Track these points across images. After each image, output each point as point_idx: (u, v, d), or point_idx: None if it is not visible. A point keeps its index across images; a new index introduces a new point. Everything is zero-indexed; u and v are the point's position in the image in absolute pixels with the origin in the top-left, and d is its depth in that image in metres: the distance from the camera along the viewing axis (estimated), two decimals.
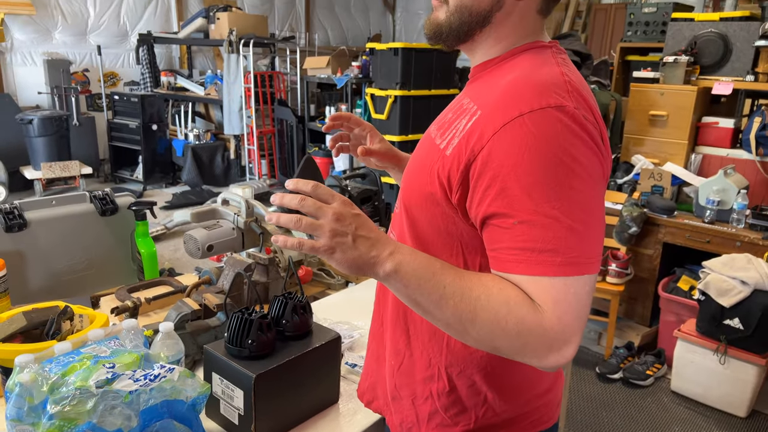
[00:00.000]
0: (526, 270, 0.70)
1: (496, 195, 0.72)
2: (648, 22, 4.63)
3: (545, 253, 0.69)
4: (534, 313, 0.69)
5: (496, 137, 0.72)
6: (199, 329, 1.27)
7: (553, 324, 0.69)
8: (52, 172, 5.31)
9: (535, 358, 0.70)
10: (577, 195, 0.70)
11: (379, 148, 1.13)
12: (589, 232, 0.71)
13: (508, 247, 0.72)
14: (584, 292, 0.70)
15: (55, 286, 1.56)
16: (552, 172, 0.69)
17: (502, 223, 0.72)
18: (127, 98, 6.15)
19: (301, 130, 5.99)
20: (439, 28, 0.84)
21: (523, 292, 0.71)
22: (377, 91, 4.81)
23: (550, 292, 0.69)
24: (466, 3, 0.81)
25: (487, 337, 0.71)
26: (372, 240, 0.73)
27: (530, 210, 0.69)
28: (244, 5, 7.83)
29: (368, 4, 9.76)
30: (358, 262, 0.73)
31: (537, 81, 0.75)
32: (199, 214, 1.74)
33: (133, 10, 6.83)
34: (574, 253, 0.69)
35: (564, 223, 0.69)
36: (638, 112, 3.48)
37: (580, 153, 0.71)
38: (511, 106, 0.73)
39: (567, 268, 0.69)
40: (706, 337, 2.60)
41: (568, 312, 0.69)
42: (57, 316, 1.10)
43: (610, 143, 0.76)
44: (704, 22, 3.36)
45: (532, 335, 0.69)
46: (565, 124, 0.71)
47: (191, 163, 6.08)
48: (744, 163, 3.16)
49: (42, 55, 6.13)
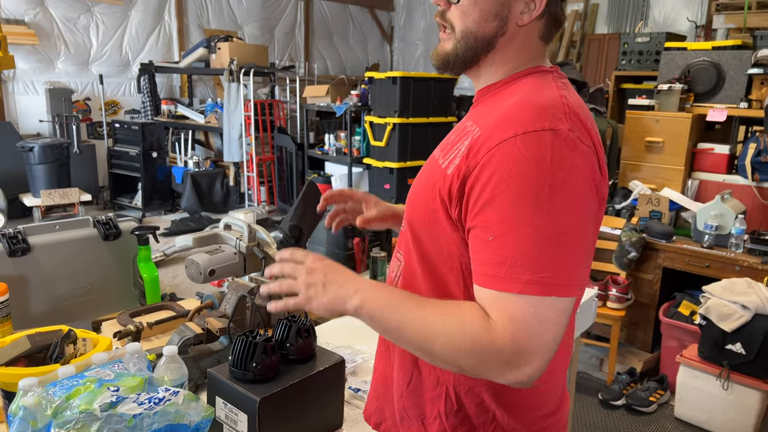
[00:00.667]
0: (494, 285, 0.72)
1: (480, 209, 0.74)
2: (641, 52, 4.72)
3: (514, 269, 0.70)
4: (487, 331, 0.71)
5: (489, 155, 0.74)
6: (202, 353, 1.26)
7: (505, 341, 0.70)
8: (51, 199, 5.32)
9: (493, 374, 0.73)
10: (557, 216, 0.71)
11: (376, 213, 1.17)
12: (565, 254, 0.71)
13: (482, 261, 0.74)
14: (550, 314, 0.71)
15: (56, 311, 1.55)
16: (534, 192, 0.71)
17: (480, 234, 0.74)
18: (127, 126, 6.21)
19: (301, 157, 6.03)
20: (447, 56, 0.87)
21: (481, 312, 0.73)
22: (376, 119, 4.87)
23: (508, 309, 0.71)
24: (471, 29, 0.84)
25: (449, 357, 0.75)
26: (339, 283, 0.83)
27: (507, 225, 0.71)
28: (244, 35, 7.96)
29: (366, 34, 9.94)
30: (329, 304, 0.83)
31: (536, 103, 0.77)
32: (201, 238, 1.74)
33: (135, 40, 6.94)
34: (544, 273, 0.70)
35: (537, 242, 0.70)
36: (634, 139, 3.52)
37: (568, 177, 0.72)
38: (508, 127, 0.75)
39: (533, 287, 0.70)
40: (708, 362, 2.59)
41: (521, 330, 0.70)
42: (60, 340, 1.10)
43: (608, 169, 0.79)
44: (697, 51, 3.43)
45: (486, 352, 0.71)
46: (556, 147, 0.72)
47: (190, 190, 6.10)
48: (740, 188, 3.19)
49: (44, 84, 6.20)
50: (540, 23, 0.84)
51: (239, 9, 7.95)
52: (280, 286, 0.87)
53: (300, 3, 8.75)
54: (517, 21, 0.83)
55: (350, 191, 1.20)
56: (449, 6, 0.85)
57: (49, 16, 6.18)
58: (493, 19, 0.82)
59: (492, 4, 0.82)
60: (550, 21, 0.85)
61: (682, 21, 6.99)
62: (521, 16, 0.82)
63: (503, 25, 0.83)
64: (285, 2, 8.53)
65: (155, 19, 7.09)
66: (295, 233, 1.73)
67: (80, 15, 6.41)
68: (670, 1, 7.19)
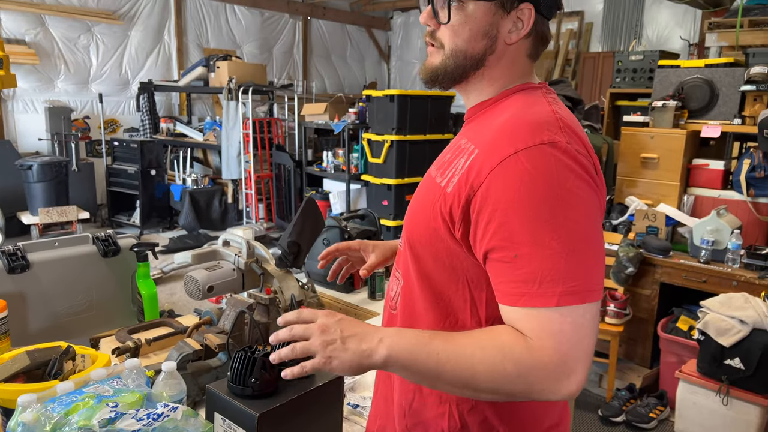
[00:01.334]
0: (528, 302, 0.72)
1: (495, 229, 0.74)
2: (636, 69, 4.78)
3: (545, 285, 0.71)
4: (529, 351, 0.71)
5: (493, 174, 0.75)
6: (201, 370, 1.26)
7: (551, 356, 0.70)
8: (49, 217, 5.32)
9: (545, 393, 0.71)
10: (574, 226, 0.72)
11: (376, 258, 1.18)
12: (587, 261, 0.73)
13: (509, 281, 0.74)
14: (585, 320, 0.72)
15: (54, 327, 1.55)
16: (548, 205, 0.72)
17: (502, 257, 0.74)
18: (126, 144, 6.24)
19: (299, 174, 6.06)
20: (435, 71, 0.89)
21: (516, 333, 0.72)
22: (374, 136, 4.91)
23: (546, 326, 0.71)
24: (461, 47, 0.86)
25: (494, 387, 0.73)
26: (360, 335, 0.78)
27: (528, 243, 0.72)
28: (243, 54, 8.05)
29: (364, 53, 10.04)
30: (355, 361, 0.77)
31: (530, 119, 0.79)
32: (199, 255, 1.75)
33: (135, 59, 7.01)
34: (574, 282, 0.71)
35: (562, 254, 0.71)
36: (630, 155, 3.55)
37: (575, 185, 0.74)
38: (506, 144, 0.76)
39: (567, 297, 0.71)
40: (707, 377, 2.58)
41: (564, 342, 0.70)
42: (59, 356, 1.10)
43: (605, 185, 0.82)
44: (690, 69, 3.47)
45: (534, 373, 0.70)
46: (558, 158, 0.74)
47: (189, 208, 6.11)
48: (736, 203, 3.21)
49: (44, 102, 6.24)
50: (528, 41, 0.87)
51: (238, 29, 8.04)
52: (293, 351, 0.80)
53: (298, 22, 8.85)
54: (506, 39, 0.85)
55: (346, 245, 1.20)
56: (439, 26, 0.87)
57: (49, 36, 6.25)
58: (482, 38, 0.85)
59: (481, 24, 0.84)
60: (537, 39, 0.87)
61: (675, 39, 7.09)
62: (509, 34, 0.85)
63: (492, 43, 0.85)
64: (283, 22, 8.63)
65: (155, 38, 7.17)
66: (294, 249, 1.74)
67: (80, 35, 6.48)
68: (663, 20, 7.30)
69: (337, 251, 1.19)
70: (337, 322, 0.80)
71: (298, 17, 8.81)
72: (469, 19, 0.84)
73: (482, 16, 0.84)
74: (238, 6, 7.96)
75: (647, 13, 7.40)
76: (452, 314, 0.86)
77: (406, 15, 9.91)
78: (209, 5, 7.66)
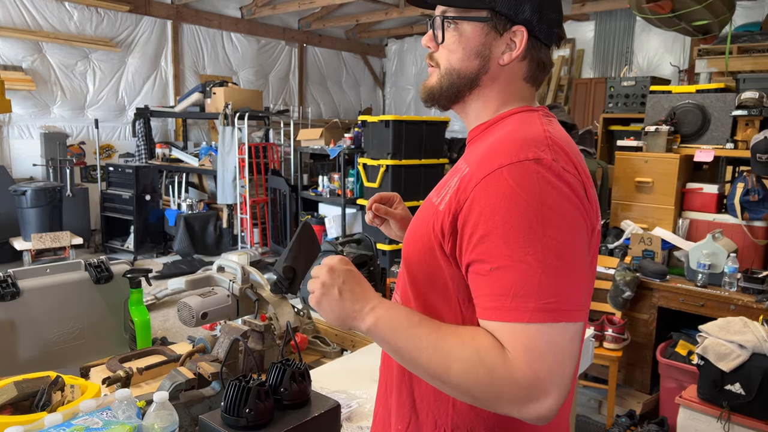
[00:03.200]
0: (502, 316, 0.71)
1: (477, 242, 0.75)
2: (628, 95, 4.84)
3: (518, 299, 0.70)
4: (504, 362, 0.69)
5: (477, 188, 0.76)
6: (193, 400, 1.23)
7: (524, 372, 0.68)
8: (42, 243, 5.28)
9: (512, 407, 0.70)
10: (553, 243, 0.72)
11: (398, 212, 1.18)
12: (565, 279, 0.72)
13: (485, 294, 0.74)
14: (562, 340, 0.70)
15: (44, 356, 1.52)
16: (527, 220, 0.72)
17: (480, 269, 0.74)
18: (121, 170, 6.23)
19: (294, 199, 6.06)
20: (432, 90, 0.92)
21: (496, 341, 0.71)
22: (369, 161, 4.93)
23: (521, 339, 0.70)
24: (455, 66, 0.88)
25: (463, 386, 0.72)
26: (357, 294, 0.80)
27: (505, 256, 0.71)
28: (239, 81, 8.12)
29: (359, 79, 10.16)
30: (342, 314, 0.80)
31: (519, 137, 0.80)
32: (194, 281, 1.73)
33: (131, 85, 7.05)
34: (549, 299, 0.70)
35: (538, 270, 0.70)
36: (625, 179, 3.57)
37: (556, 203, 0.73)
38: (493, 160, 0.77)
39: (541, 314, 0.70)
40: (708, 403, 2.54)
41: (538, 360, 0.69)
42: (48, 387, 1.07)
43: (599, 209, 0.82)
44: (682, 94, 3.52)
45: (504, 384, 0.69)
46: (542, 175, 0.74)
47: (183, 233, 6.08)
48: (731, 227, 3.22)
49: (39, 128, 6.25)
50: (523, 65, 0.88)
51: (234, 55, 8.13)
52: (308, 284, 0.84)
53: (294, 49, 8.96)
54: (499, 60, 0.87)
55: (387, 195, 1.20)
56: (437, 47, 0.91)
57: (46, 62, 6.29)
58: (475, 57, 0.87)
59: (473, 44, 0.87)
60: (533, 63, 0.89)
61: (665, 66, 7.21)
62: (502, 55, 0.87)
63: (485, 63, 0.87)
64: (279, 49, 8.74)
65: (152, 65, 7.23)
66: (289, 275, 1.72)
67: (77, 61, 6.53)
68: (653, 47, 7.44)
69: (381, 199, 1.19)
70: (344, 271, 0.81)
71: (294, 44, 8.92)
72: (462, 39, 0.87)
73: (475, 36, 0.86)
74: (235, 33, 8.06)
75: (637, 40, 7.54)
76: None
77: (401, 42, 10.06)
78: (206, 33, 7.75)
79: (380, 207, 1.16)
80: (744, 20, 6.22)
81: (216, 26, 7.81)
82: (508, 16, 0.85)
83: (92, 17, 6.57)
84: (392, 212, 1.17)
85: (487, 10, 0.85)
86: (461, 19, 0.87)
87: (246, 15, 8.04)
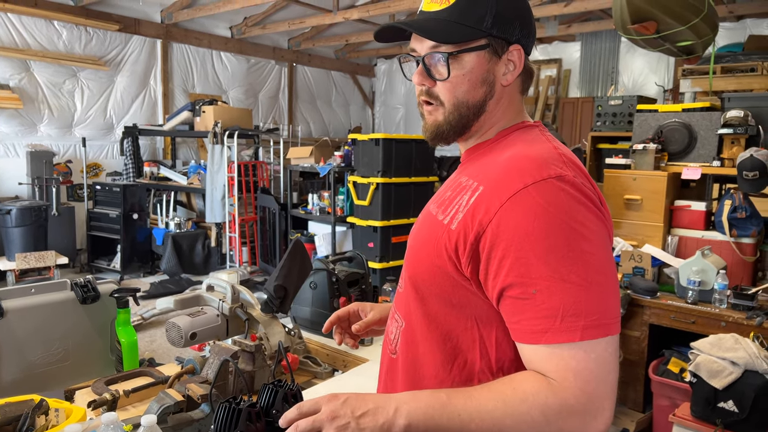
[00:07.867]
0: (550, 339, 0.70)
1: (511, 265, 0.73)
2: (615, 113, 4.90)
3: (567, 319, 0.69)
4: (554, 394, 0.69)
5: (503, 209, 0.74)
6: (182, 422, 1.20)
7: (578, 398, 0.68)
8: (26, 262, 5.19)
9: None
10: (590, 258, 0.72)
11: (373, 316, 1.12)
12: (605, 294, 0.72)
13: (529, 318, 0.72)
14: (608, 354, 0.71)
15: (28, 378, 1.47)
16: (563, 237, 0.71)
17: (521, 293, 0.72)
18: (108, 188, 6.18)
19: (284, 217, 6.03)
20: (440, 128, 0.89)
21: (537, 377, 0.71)
22: (359, 179, 4.93)
23: (570, 365, 0.69)
24: (462, 99, 0.86)
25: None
26: (372, 410, 0.74)
27: (547, 277, 0.71)
28: (229, 99, 8.13)
29: (348, 98, 10.22)
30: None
31: (533, 156, 0.79)
32: (183, 300, 1.69)
33: (120, 104, 7.03)
34: (595, 315, 0.70)
35: (582, 287, 0.70)
36: (614, 197, 3.59)
37: (586, 218, 0.74)
38: (514, 180, 0.76)
39: (590, 331, 0.70)
40: (701, 421, 2.53)
41: (590, 380, 0.69)
42: (31, 411, 1.03)
43: None
44: (668, 113, 3.57)
45: (562, 416, 0.69)
46: (568, 192, 0.74)
47: (171, 252, 6.01)
48: (719, 244, 3.24)
49: (25, 146, 6.19)
50: (519, 79, 0.90)
51: (224, 74, 8.15)
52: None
53: (284, 69, 9.01)
54: (502, 82, 0.87)
55: (345, 311, 1.15)
56: (434, 83, 0.87)
57: (34, 81, 6.25)
58: (481, 86, 0.86)
59: (479, 72, 0.86)
60: (526, 75, 0.90)
61: (650, 85, 7.33)
62: (504, 77, 0.87)
63: (491, 89, 0.87)
64: (269, 68, 8.78)
65: (141, 83, 7.22)
66: (280, 293, 1.69)
67: (66, 80, 6.50)
68: (638, 67, 7.57)
69: (338, 319, 1.13)
70: (344, 404, 0.75)
71: (283, 63, 8.97)
72: (466, 70, 0.85)
73: (478, 65, 0.85)
74: (225, 52, 8.09)
75: (622, 60, 7.68)
76: (460, 355, 0.83)
77: (390, 62, 10.16)
78: (196, 52, 7.77)
79: (359, 329, 1.10)
80: (726, 41, 6.36)
81: (206, 45, 7.84)
82: (504, 38, 0.85)
83: (81, 36, 6.57)
84: (369, 321, 1.11)
85: (485, 38, 0.84)
86: (462, 52, 0.85)
87: (236, 34, 8.08)
